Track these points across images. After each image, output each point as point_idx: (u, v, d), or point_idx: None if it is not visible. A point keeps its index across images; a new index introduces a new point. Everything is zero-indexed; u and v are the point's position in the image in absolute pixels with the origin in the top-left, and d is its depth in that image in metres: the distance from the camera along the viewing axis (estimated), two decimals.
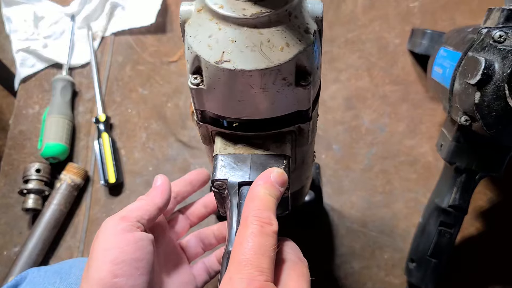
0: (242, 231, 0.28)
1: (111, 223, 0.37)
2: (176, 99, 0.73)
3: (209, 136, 0.34)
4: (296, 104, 0.30)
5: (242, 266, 0.27)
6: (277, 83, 0.28)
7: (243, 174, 0.32)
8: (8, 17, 0.76)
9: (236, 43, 0.27)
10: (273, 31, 0.27)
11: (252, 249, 0.27)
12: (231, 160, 0.32)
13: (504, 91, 0.41)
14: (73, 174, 0.64)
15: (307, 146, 0.37)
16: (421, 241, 0.57)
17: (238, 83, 0.28)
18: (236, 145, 0.33)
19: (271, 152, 0.32)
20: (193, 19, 0.29)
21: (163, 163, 0.68)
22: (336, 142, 0.69)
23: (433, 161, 0.68)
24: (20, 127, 0.71)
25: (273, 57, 0.27)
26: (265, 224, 0.28)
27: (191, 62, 0.28)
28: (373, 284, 0.61)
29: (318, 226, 0.64)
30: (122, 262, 0.35)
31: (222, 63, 0.27)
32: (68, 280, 0.41)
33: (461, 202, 0.53)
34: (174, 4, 0.80)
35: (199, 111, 0.32)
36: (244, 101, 0.29)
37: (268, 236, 0.28)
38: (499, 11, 0.44)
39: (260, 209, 0.29)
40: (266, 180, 0.30)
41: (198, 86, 0.29)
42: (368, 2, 0.78)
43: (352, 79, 0.73)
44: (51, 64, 0.75)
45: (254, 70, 0.27)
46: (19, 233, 0.65)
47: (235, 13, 0.26)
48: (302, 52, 0.28)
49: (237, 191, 0.31)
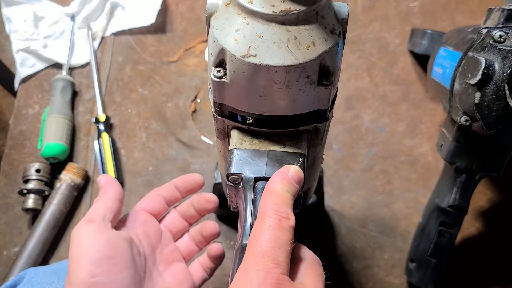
0: (260, 224, 0.29)
1: (80, 228, 0.39)
2: (176, 99, 0.73)
3: (225, 130, 0.35)
4: (316, 103, 0.31)
5: (259, 257, 0.27)
6: (301, 80, 0.28)
7: (259, 169, 0.32)
8: (8, 17, 0.76)
9: (263, 38, 0.27)
10: (300, 29, 0.27)
11: (269, 241, 0.27)
12: (247, 155, 0.32)
13: (504, 91, 0.41)
14: (73, 174, 0.64)
15: (319, 147, 0.37)
16: (421, 241, 0.57)
17: (262, 78, 0.28)
18: (253, 141, 0.33)
19: (288, 150, 0.33)
20: (220, 12, 0.29)
21: (163, 163, 0.68)
22: (336, 142, 0.69)
23: (433, 161, 0.68)
24: (20, 127, 0.71)
25: (299, 54, 0.27)
26: (283, 218, 0.28)
27: (216, 55, 0.29)
28: (373, 284, 0.61)
29: (318, 226, 0.64)
30: (98, 261, 0.36)
31: (248, 57, 0.27)
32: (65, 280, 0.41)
33: (461, 202, 0.53)
34: (174, 4, 0.80)
35: (217, 105, 0.32)
36: (265, 96, 0.29)
37: (285, 230, 0.28)
38: (499, 11, 0.44)
39: (278, 203, 0.29)
40: (284, 177, 0.30)
41: (221, 79, 0.29)
42: (368, 2, 0.78)
43: (352, 79, 0.73)
44: (51, 64, 0.75)
45: (280, 66, 0.27)
46: (19, 233, 0.65)
47: (264, 9, 0.27)
48: (327, 51, 0.28)
49: (252, 186, 0.32)
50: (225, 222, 0.64)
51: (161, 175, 0.68)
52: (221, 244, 0.47)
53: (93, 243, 0.37)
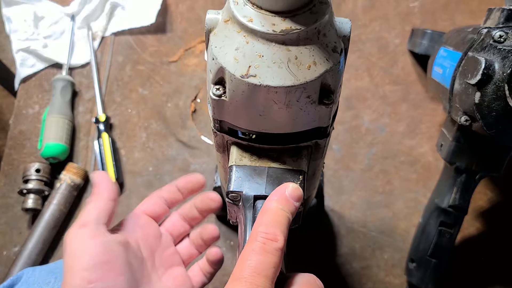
0: (246, 247, 0.28)
1: (73, 233, 0.37)
2: (176, 99, 0.73)
3: (224, 145, 0.34)
4: (316, 121, 0.30)
5: (237, 282, 0.27)
6: (301, 100, 0.28)
7: (258, 187, 0.31)
8: (8, 17, 0.76)
9: (263, 58, 0.26)
10: (301, 48, 0.27)
11: (250, 267, 0.27)
12: (246, 172, 0.32)
13: (504, 91, 0.41)
14: (73, 174, 0.64)
15: (320, 160, 0.37)
16: (421, 241, 0.57)
17: (262, 98, 0.27)
18: (252, 157, 0.33)
19: (288, 167, 0.32)
20: (220, 29, 0.28)
21: (163, 163, 0.68)
22: (336, 142, 0.69)
23: (433, 161, 0.68)
24: (20, 127, 0.71)
25: (300, 75, 0.27)
26: (268, 240, 0.28)
27: (215, 73, 0.28)
28: (373, 284, 0.61)
29: (318, 226, 0.64)
30: (93, 266, 0.35)
31: (248, 78, 0.26)
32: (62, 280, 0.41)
33: (461, 202, 0.53)
34: (174, 4, 0.80)
35: (217, 121, 0.32)
36: (265, 116, 0.29)
37: (269, 254, 0.28)
38: (499, 11, 0.44)
39: (268, 224, 0.28)
40: (281, 195, 0.30)
41: (220, 97, 0.29)
42: (368, 2, 0.78)
43: (352, 79, 0.73)
44: (51, 64, 0.75)
45: (280, 87, 0.26)
46: (19, 233, 0.65)
47: (264, 28, 0.26)
48: (329, 71, 0.27)
49: (252, 205, 0.31)
50: (225, 223, 0.64)
51: (161, 175, 0.67)
52: (221, 246, 0.47)
53: (87, 249, 0.36)
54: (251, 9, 0.26)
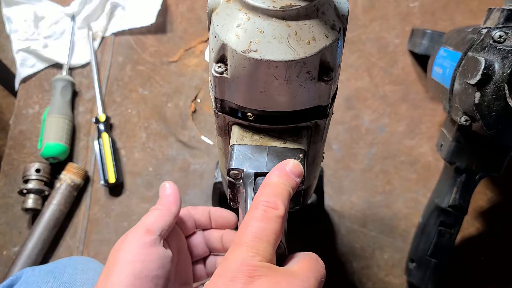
0: (247, 215, 0.29)
1: (137, 235, 0.36)
2: (176, 99, 0.73)
3: (225, 127, 0.35)
4: (316, 99, 0.31)
5: (238, 247, 0.27)
6: (301, 76, 0.28)
7: (259, 164, 0.32)
8: (8, 17, 0.76)
9: (264, 33, 0.27)
10: (301, 24, 0.27)
11: (251, 232, 0.27)
12: (247, 151, 0.32)
13: (504, 91, 0.41)
14: (73, 174, 0.64)
15: (320, 144, 0.37)
16: (421, 241, 0.57)
17: (263, 74, 0.28)
18: (253, 137, 0.33)
19: (288, 145, 0.33)
20: (221, 8, 0.29)
21: (163, 163, 0.68)
22: (336, 142, 0.69)
23: (433, 161, 0.68)
24: (20, 127, 0.71)
25: (300, 50, 0.27)
26: (269, 208, 0.28)
27: (217, 51, 0.29)
28: (373, 284, 0.61)
29: (318, 226, 0.64)
30: (145, 277, 0.34)
31: (249, 52, 0.27)
32: (61, 279, 0.41)
33: (461, 202, 0.53)
34: (174, 4, 0.80)
35: (218, 101, 0.32)
36: (266, 92, 0.29)
37: (270, 221, 0.28)
38: (499, 11, 0.44)
39: (269, 194, 0.29)
40: (281, 170, 0.30)
41: (222, 74, 0.29)
42: (368, 2, 0.78)
43: (352, 79, 0.73)
44: (51, 64, 0.75)
45: (280, 61, 0.27)
46: (19, 233, 0.65)
47: (265, 4, 0.27)
48: (328, 47, 0.28)
49: (253, 181, 0.32)
50: None
51: (161, 175, 0.68)
52: None
53: (145, 257, 0.35)
54: None
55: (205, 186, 0.67)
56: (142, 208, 0.66)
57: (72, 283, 0.41)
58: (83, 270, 0.43)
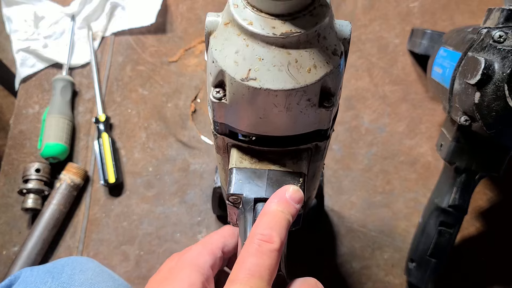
0: (243, 249, 0.28)
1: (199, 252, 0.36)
2: (176, 99, 0.73)
3: (224, 147, 0.34)
4: (316, 123, 0.30)
5: (232, 284, 0.27)
6: (302, 103, 0.28)
7: (259, 190, 0.31)
8: (8, 17, 0.76)
9: (263, 61, 0.26)
10: (301, 51, 0.26)
11: (245, 269, 0.27)
12: (246, 175, 0.32)
13: (504, 91, 0.41)
14: (73, 174, 0.64)
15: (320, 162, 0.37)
16: (421, 241, 0.57)
17: (262, 102, 0.27)
18: (252, 159, 0.33)
19: (288, 169, 0.32)
20: (220, 32, 0.28)
21: (163, 163, 0.68)
22: (336, 142, 0.69)
23: (433, 161, 0.68)
24: (20, 127, 0.71)
25: (300, 78, 0.26)
26: (263, 242, 0.28)
27: (215, 76, 0.28)
28: (373, 284, 0.61)
29: (318, 226, 0.64)
30: None
31: (248, 81, 0.26)
32: (60, 279, 0.41)
33: (461, 202, 0.53)
34: (174, 4, 0.80)
35: (217, 123, 0.32)
36: (266, 118, 0.29)
37: (264, 256, 0.27)
38: (499, 11, 0.44)
39: (264, 226, 0.28)
40: (281, 198, 0.30)
41: (221, 100, 0.29)
42: (368, 2, 0.78)
43: (352, 79, 0.73)
44: (51, 64, 0.75)
45: (280, 90, 0.26)
46: (19, 233, 0.65)
47: (264, 31, 0.26)
48: (329, 74, 0.27)
49: (252, 207, 0.31)
50: (226, 222, 0.64)
51: (161, 175, 0.68)
52: None
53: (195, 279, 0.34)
54: (251, 12, 0.26)
55: (205, 186, 0.67)
56: (142, 208, 0.66)
57: (70, 283, 0.41)
58: (81, 270, 0.43)
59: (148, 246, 0.63)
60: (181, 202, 0.66)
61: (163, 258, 0.62)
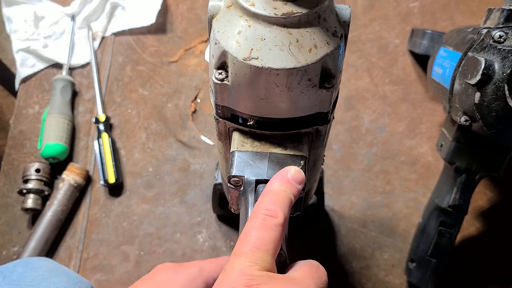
0: (247, 224, 0.28)
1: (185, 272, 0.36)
2: (176, 99, 0.73)
3: (226, 132, 0.35)
4: (317, 105, 0.31)
5: (237, 257, 0.27)
6: (302, 83, 0.28)
7: (260, 171, 0.32)
8: (8, 17, 0.76)
9: (265, 41, 0.27)
10: (302, 31, 0.27)
11: (250, 242, 0.27)
12: (248, 157, 0.32)
13: (504, 91, 0.41)
14: (76, 174, 0.64)
15: (320, 149, 0.37)
16: (421, 241, 0.57)
17: (264, 81, 0.28)
18: (254, 143, 0.33)
19: (289, 152, 0.33)
20: (222, 14, 0.29)
21: (163, 163, 0.68)
22: (336, 142, 0.69)
23: (433, 161, 0.68)
24: (20, 127, 0.71)
25: (301, 57, 0.27)
26: (267, 216, 0.28)
27: (217, 57, 0.29)
28: (373, 284, 0.61)
29: (318, 226, 0.64)
30: None
31: (250, 60, 0.27)
32: (11, 278, 0.41)
33: (461, 202, 0.53)
34: (174, 4, 0.80)
35: (219, 107, 0.32)
36: (267, 99, 0.29)
37: (268, 229, 0.28)
38: (499, 11, 0.44)
39: (268, 202, 0.29)
40: (283, 177, 0.30)
41: (223, 81, 0.29)
42: (368, 2, 0.78)
43: (352, 79, 0.73)
44: (51, 64, 0.75)
45: (282, 69, 0.27)
46: (18, 233, 0.65)
47: (266, 12, 0.27)
48: (329, 54, 0.28)
49: (253, 189, 0.32)
50: (226, 222, 0.64)
51: (161, 175, 0.68)
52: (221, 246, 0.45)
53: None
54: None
55: (205, 186, 0.67)
56: (142, 208, 0.66)
57: (20, 281, 0.41)
58: (33, 268, 0.43)
59: (148, 246, 0.63)
60: (181, 202, 0.66)
61: (163, 258, 0.62)
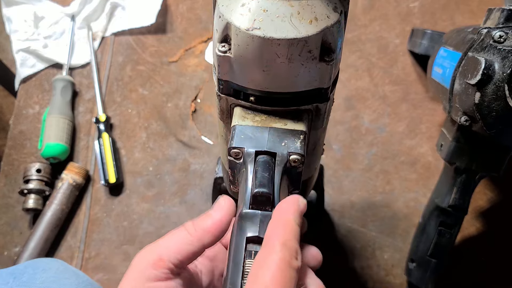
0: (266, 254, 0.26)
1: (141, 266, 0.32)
2: (176, 99, 0.73)
3: (228, 109, 0.35)
4: (317, 80, 0.31)
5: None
6: (303, 55, 0.29)
7: (260, 143, 0.32)
8: (8, 17, 0.76)
9: (267, 12, 0.28)
10: (303, 4, 0.28)
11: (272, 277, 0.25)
12: (248, 131, 0.33)
13: (504, 91, 0.41)
14: (75, 174, 0.64)
15: (320, 131, 0.38)
16: (421, 241, 0.57)
17: (266, 52, 0.29)
18: (255, 118, 0.34)
19: (289, 127, 0.33)
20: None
21: (163, 163, 0.68)
22: (336, 142, 0.69)
23: (433, 161, 0.68)
24: (20, 127, 0.71)
25: (302, 28, 0.28)
26: (293, 257, 0.26)
27: (221, 30, 0.30)
28: (373, 284, 0.61)
29: (318, 225, 0.64)
30: None
31: (252, 30, 0.28)
32: (21, 279, 0.41)
33: (461, 202, 0.53)
34: (174, 4, 0.80)
35: (221, 82, 0.33)
36: (268, 71, 0.30)
37: (291, 269, 0.26)
38: (499, 11, 0.44)
39: (290, 239, 0.27)
40: (296, 208, 0.29)
41: (226, 53, 0.30)
42: (368, 2, 0.79)
43: (352, 79, 0.73)
44: (51, 64, 0.75)
45: (283, 39, 0.28)
46: (20, 233, 0.65)
47: None
48: (329, 28, 0.29)
49: (253, 159, 0.32)
50: None
51: (161, 175, 0.68)
52: None
53: None
54: None
55: (205, 186, 0.67)
56: (142, 207, 0.66)
57: (31, 283, 0.41)
58: (43, 269, 0.43)
59: None
60: (181, 202, 0.66)
61: None
